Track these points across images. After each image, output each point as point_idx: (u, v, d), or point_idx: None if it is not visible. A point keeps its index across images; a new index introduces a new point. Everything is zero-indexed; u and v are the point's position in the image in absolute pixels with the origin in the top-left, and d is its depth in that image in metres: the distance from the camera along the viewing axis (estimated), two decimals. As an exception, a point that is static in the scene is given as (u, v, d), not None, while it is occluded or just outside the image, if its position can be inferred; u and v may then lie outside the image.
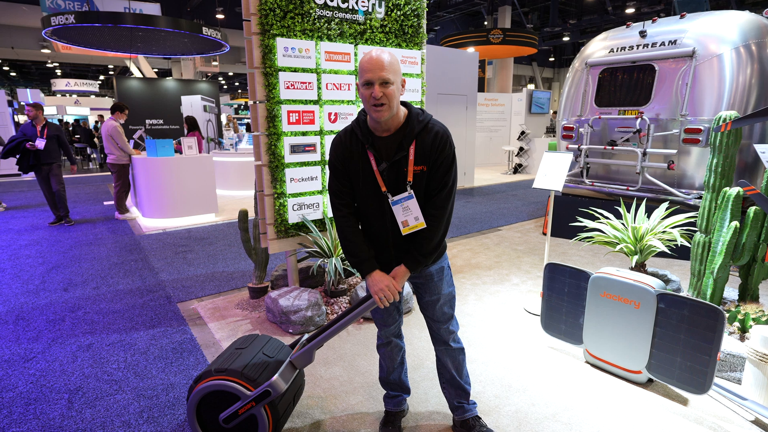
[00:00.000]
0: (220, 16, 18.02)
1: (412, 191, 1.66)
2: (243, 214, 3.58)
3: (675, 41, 4.80)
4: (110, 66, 26.89)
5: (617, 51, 5.31)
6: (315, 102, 3.28)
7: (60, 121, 19.00)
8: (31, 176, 7.84)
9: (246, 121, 21.46)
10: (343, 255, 3.35)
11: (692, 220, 3.14)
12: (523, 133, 12.24)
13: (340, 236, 1.76)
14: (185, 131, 8.26)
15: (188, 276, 4.26)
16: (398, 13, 3.50)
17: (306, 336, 1.92)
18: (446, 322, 1.91)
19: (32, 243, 5.44)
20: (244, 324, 3.21)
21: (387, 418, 2.10)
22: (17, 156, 6.11)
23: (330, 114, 3.38)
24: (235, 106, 26.42)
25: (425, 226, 1.68)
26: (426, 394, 2.36)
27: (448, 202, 1.68)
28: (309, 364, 1.89)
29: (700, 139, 4.49)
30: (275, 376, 1.77)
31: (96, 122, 15.72)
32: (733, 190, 2.66)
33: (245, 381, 1.79)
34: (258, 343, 2.03)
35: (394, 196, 1.67)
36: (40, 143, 6.01)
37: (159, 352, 2.85)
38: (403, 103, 1.69)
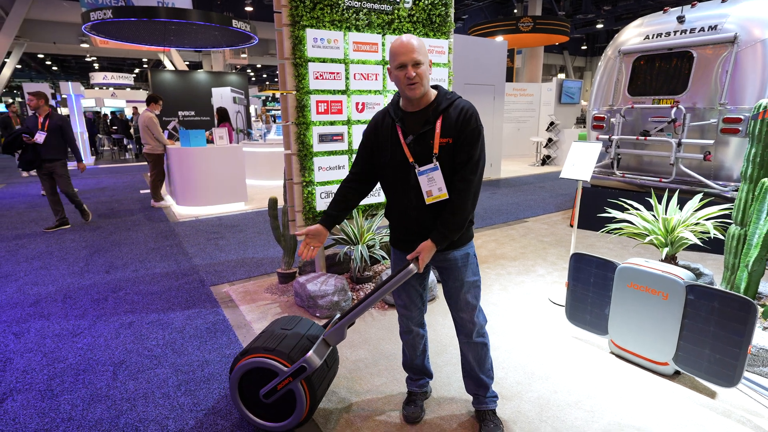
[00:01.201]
0: (248, 9, 18.29)
1: (437, 163, 1.73)
2: (273, 202, 3.70)
3: (715, 26, 4.60)
4: (144, 59, 27.79)
5: (653, 38, 5.13)
6: (343, 92, 3.34)
7: (98, 112, 19.79)
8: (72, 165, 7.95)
9: (273, 112, 21.77)
10: (369, 242, 3.42)
11: (727, 212, 3.04)
12: (552, 123, 11.97)
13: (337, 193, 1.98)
14: (216, 122, 8.50)
15: (220, 261, 4.44)
16: (426, 2, 3.50)
17: (338, 315, 2.00)
18: (469, 312, 1.92)
19: (76, 228, 5.75)
20: (273, 307, 3.34)
21: (410, 398, 2.16)
22: (19, 151, 5.34)
23: (357, 104, 3.44)
24: (263, 98, 26.83)
25: (447, 197, 1.75)
26: (449, 378, 2.41)
27: (474, 176, 1.73)
28: (341, 341, 1.96)
29: (740, 129, 4.31)
30: (310, 352, 1.86)
31: (133, 114, 16.28)
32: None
33: (282, 358, 1.89)
34: (295, 324, 2.12)
35: (420, 167, 1.75)
36: (40, 137, 5.25)
37: (194, 331, 3.00)
38: (434, 86, 1.80)
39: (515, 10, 19.49)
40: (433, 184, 1.75)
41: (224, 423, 2.10)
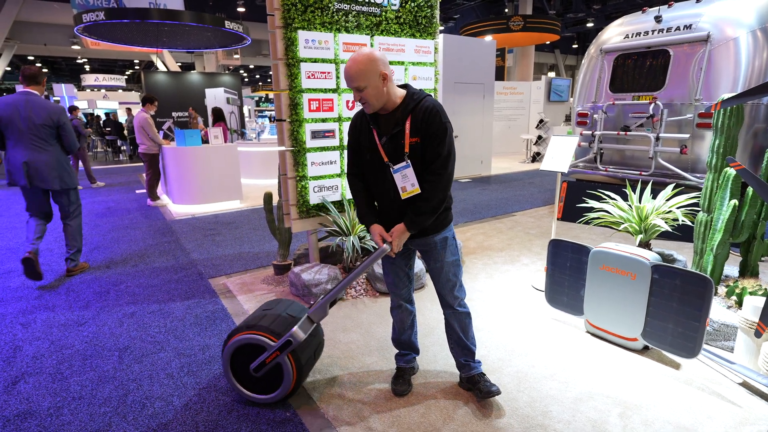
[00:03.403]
0: (241, 9, 18.36)
1: (408, 161, 1.92)
2: (268, 197, 3.85)
3: (690, 26, 4.82)
4: (136, 61, 27.73)
5: (632, 36, 5.34)
6: (334, 90, 3.50)
7: (91, 114, 19.79)
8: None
9: (267, 113, 21.85)
10: (360, 233, 3.59)
11: (696, 200, 3.24)
12: (541, 121, 12.21)
13: (354, 196, 2.11)
14: (211, 122, 8.62)
15: (217, 255, 4.58)
16: (412, 4, 3.67)
17: (322, 296, 2.18)
18: (451, 288, 2.13)
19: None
20: (270, 297, 3.49)
21: (398, 373, 2.34)
22: None
23: (348, 102, 3.60)
24: (256, 98, 26.88)
25: (420, 191, 1.93)
26: (435, 357, 2.59)
27: (444, 171, 1.90)
28: (324, 318, 2.16)
29: (714, 123, 4.52)
30: (295, 328, 2.06)
31: (127, 116, 16.32)
32: (734, 171, 2.77)
33: (270, 334, 2.07)
34: (281, 305, 2.30)
35: (394, 165, 1.93)
36: None
37: (194, 319, 3.15)
38: (404, 86, 1.97)
39: (506, 9, 19.71)
40: (406, 181, 1.93)
41: (226, 399, 2.25)
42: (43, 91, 3.81)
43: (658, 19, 5.09)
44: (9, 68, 26.09)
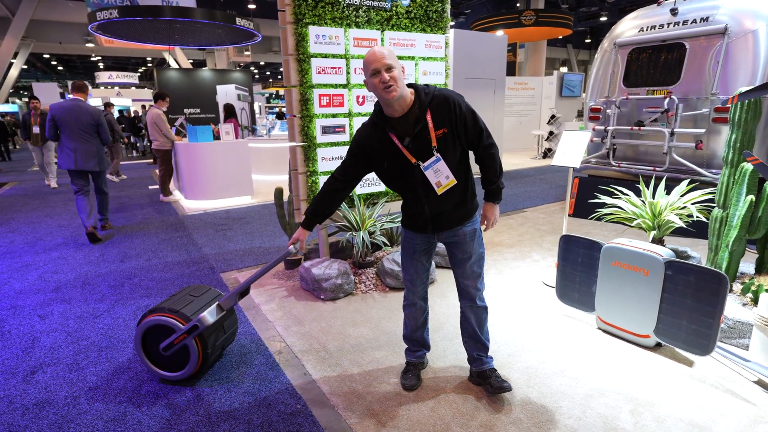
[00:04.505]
0: (251, 6, 18.44)
1: (438, 154, 1.90)
2: (279, 192, 3.88)
3: (707, 18, 4.72)
4: (148, 58, 28.04)
5: (647, 30, 5.25)
6: (344, 86, 3.51)
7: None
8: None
9: (277, 109, 21.95)
10: (370, 229, 3.60)
11: (711, 196, 3.19)
12: (553, 117, 12.07)
13: (319, 194, 2.10)
14: (222, 118, 8.68)
15: (228, 250, 4.63)
16: (423, -2, 3.65)
17: (236, 288, 2.35)
18: (474, 279, 2.13)
19: (89, 221, 5.97)
20: (280, 291, 3.53)
21: (408, 368, 2.34)
22: None
23: (358, 97, 3.60)
24: (267, 95, 27.00)
25: (456, 182, 1.93)
26: (444, 352, 2.59)
27: (491, 138, 1.98)
28: (233, 305, 2.35)
29: (731, 117, 4.43)
30: (203, 313, 2.21)
31: (137, 112, 16.51)
32: (751, 166, 2.71)
33: (180, 317, 2.23)
34: (197, 290, 2.49)
35: (424, 163, 1.90)
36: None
37: (206, 312, 3.19)
38: (410, 85, 1.93)
39: (518, 4, 19.51)
40: (440, 175, 1.92)
41: (237, 390, 2.29)
42: (86, 98, 5.10)
43: (673, 11, 4.99)
44: (25, 66, 26.57)
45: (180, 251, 4.65)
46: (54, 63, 29.94)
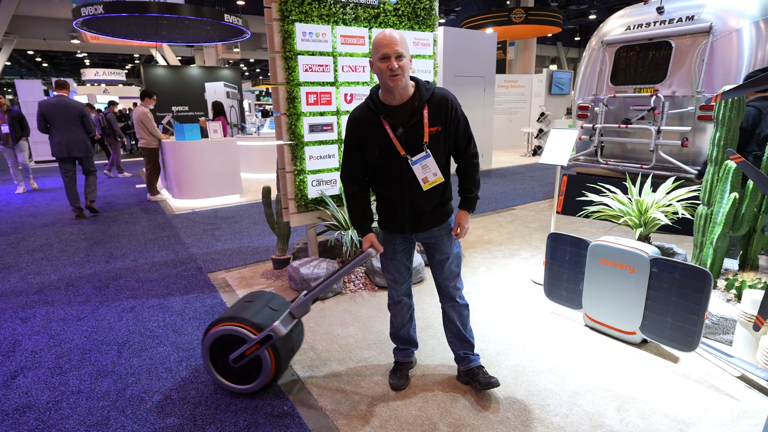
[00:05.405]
0: (240, 2, 18.25)
1: (428, 151, 1.88)
2: (266, 191, 3.84)
3: (692, 17, 4.76)
4: (136, 55, 27.62)
5: (634, 28, 5.29)
6: (332, 84, 3.48)
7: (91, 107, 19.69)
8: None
9: (268, 107, 21.78)
10: (358, 228, 3.58)
11: (697, 193, 3.22)
12: (542, 114, 12.14)
13: (350, 208, 2.05)
14: (211, 116, 8.59)
15: (216, 250, 4.58)
16: (411, -4, 3.63)
17: (304, 292, 2.19)
18: (453, 279, 2.13)
19: (74, 222, 5.87)
20: (269, 291, 3.49)
21: (396, 367, 2.34)
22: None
23: (346, 95, 3.58)
24: (257, 92, 26.78)
25: (443, 180, 1.93)
26: (433, 350, 2.59)
27: (477, 150, 2.00)
28: (306, 314, 2.21)
29: (716, 115, 4.48)
30: (276, 322, 2.09)
31: (128, 110, 16.26)
32: (734, 163, 2.74)
33: (251, 327, 2.10)
34: (264, 298, 2.35)
35: (412, 157, 1.89)
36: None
37: (193, 313, 3.16)
38: (411, 78, 1.92)
39: (508, 2, 19.55)
40: (427, 171, 1.91)
41: (224, 392, 2.26)
42: (68, 93, 5.72)
43: (660, 10, 5.03)
44: (9, 63, 26.03)
45: (167, 251, 4.59)
46: (39, 60, 29.39)
